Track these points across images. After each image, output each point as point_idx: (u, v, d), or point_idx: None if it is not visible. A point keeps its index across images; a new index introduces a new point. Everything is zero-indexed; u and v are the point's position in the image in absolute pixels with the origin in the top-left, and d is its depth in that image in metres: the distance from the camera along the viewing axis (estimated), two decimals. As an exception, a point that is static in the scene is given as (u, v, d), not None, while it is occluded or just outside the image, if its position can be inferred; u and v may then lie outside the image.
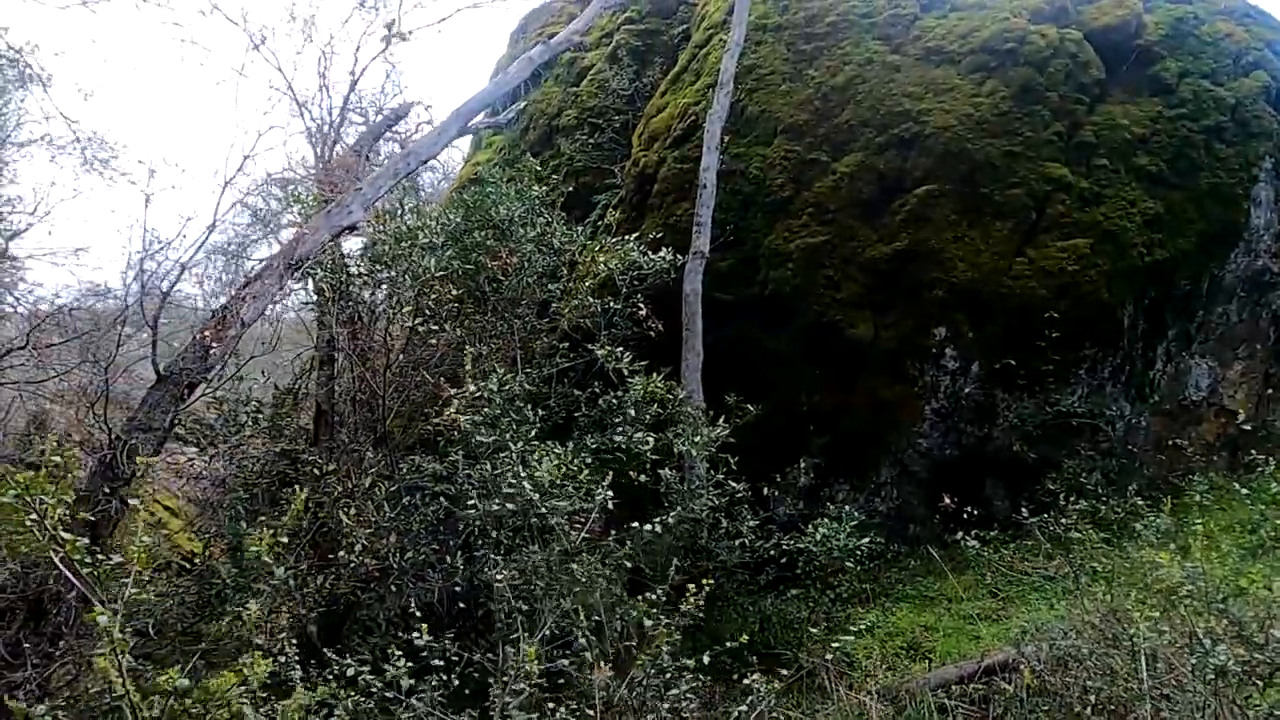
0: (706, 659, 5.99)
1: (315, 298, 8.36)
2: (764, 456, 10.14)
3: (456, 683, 5.65)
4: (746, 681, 6.27)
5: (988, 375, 9.38)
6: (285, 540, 6.13)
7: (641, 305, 9.20)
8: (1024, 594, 8.43)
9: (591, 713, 5.89)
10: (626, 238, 9.83)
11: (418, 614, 6.00)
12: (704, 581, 8.06)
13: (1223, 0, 10.44)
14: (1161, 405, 9.82)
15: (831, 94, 10.04)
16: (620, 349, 7.98)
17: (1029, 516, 6.33)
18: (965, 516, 8.24)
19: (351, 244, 9.92)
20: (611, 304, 9.25)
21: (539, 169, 9.34)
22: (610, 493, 6.57)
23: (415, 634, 5.75)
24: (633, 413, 7.74)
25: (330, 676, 5.09)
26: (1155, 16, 10.05)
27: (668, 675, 6.44)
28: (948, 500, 8.55)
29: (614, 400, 7.74)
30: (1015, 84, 9.48)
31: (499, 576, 6.59)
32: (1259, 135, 9.59)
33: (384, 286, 7.90)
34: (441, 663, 5.23)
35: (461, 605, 7.36)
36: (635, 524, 8.33)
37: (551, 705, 6.49)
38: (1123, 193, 9.34)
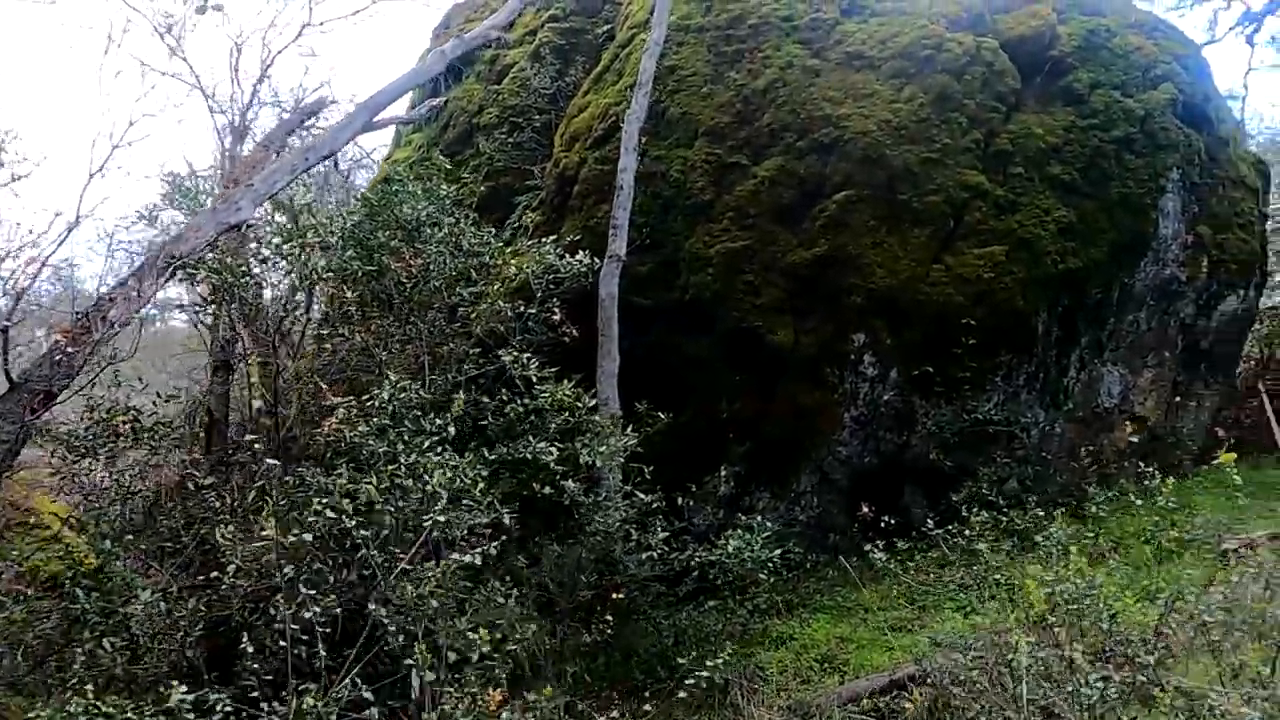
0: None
1: (206, 299, 7.85)
2: (684, 464, 9.93)
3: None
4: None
5: (906, 382, 9.33)
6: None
7: (556, 310, 8.90)
8: (940, 603, 8.37)
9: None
10: (543, 240, 9.53)
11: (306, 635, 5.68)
12: (614, 596, 7.87)
13: (1133, 14, 10.65)
14: (1075, 412, 9.92)
15: (753, 97, 9.90)
16: (530, 355, 7.67)
17: (935, 527, 6.20)
18: (883, 525, 8.17)
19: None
20: (525, 309, 8.94)
21: (449, 167, 8.96)
22: (504, 508, 6.28)
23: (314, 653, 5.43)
24: (538, 421, 7.45)
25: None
26: (1069, 28, 10.18)
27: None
28: (866, 509, 8.47)
29: (520, 409, 7.43)
30: (933, 91, 9.48)
31: (390, 597, 6.24)
32: (1167, 147, 9.77)
33: (270, 289, 7.45)
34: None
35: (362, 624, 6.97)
36: (547, 538, 8.09)
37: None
38: (1037, 201, 9.40)
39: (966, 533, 5.92)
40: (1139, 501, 4.58)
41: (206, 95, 10.46)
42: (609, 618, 7.37)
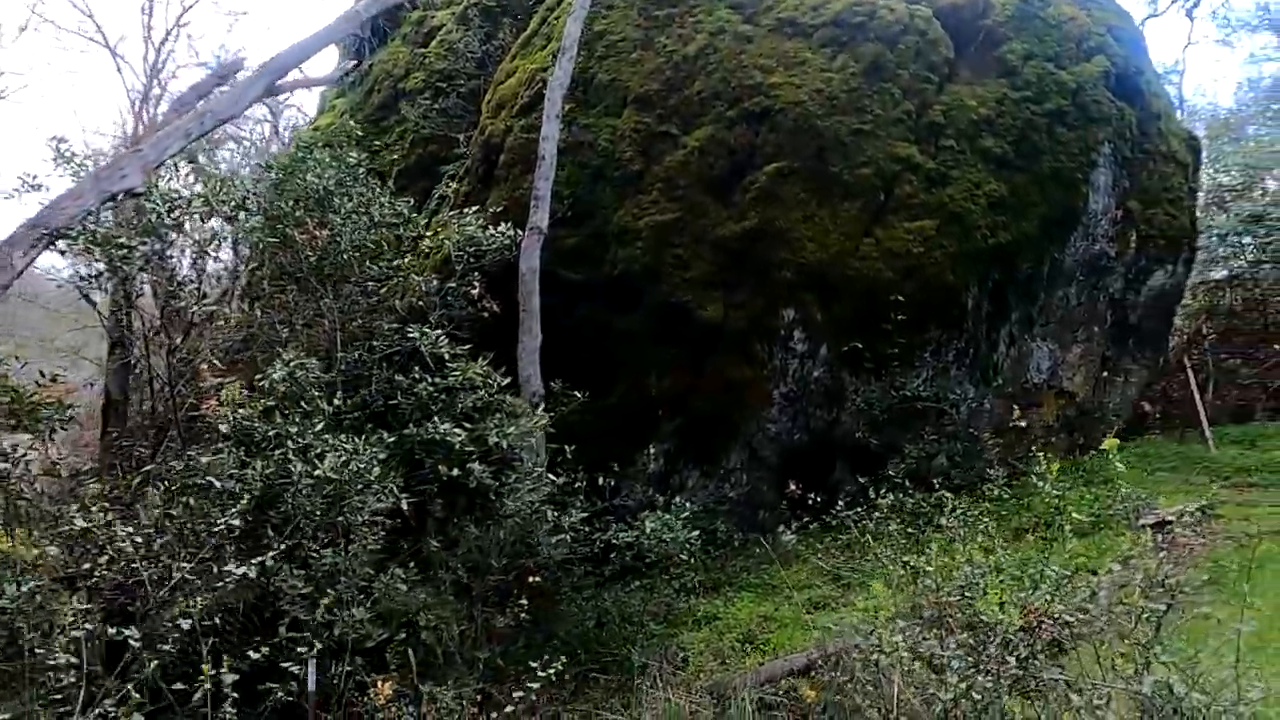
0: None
1: (97, 273, 7.37)
2: (614, 442, 9.73)
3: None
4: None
5: (836, 359, 9.20)
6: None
7: (476, 284, 8.57)
8: (864, 581, 8.32)
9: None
10: (465, 211, 9.18)
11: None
12: (530, 580, 7.67)
13: (1069, -16, 10.50)
14: (1004, 388, 9.90)
15: (683, 64, 9.59)
16: (441, 332, 7.35)
17: (848, 508, 6.09)
18: (810, 503, 8.07)
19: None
20: (442, 282, 8.61)
21: (360, 133, 8.52)
22: (404, 492, 6.02)
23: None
24: (449, 401, 7.17)
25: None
26: (1003, -3, 10.01)
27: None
28: (794, 486, 8.36)
29: (430, 388, 7.13)
30: (866, 59, 9.26)
31: (282, 587, 5.96)
32: (1098, 120, 9.69)
33: (156, 260, 7.00)
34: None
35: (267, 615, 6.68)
36: (468, 520, 7.83)
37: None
38: (969, 174, 9.27)
39: (875, 515, 5.79)
40: (1041, 483, 4.44)
41: (114, 54, 9.78)
42: (523, 601, 7.19)
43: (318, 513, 5.76)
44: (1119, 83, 10.05)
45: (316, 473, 5.57)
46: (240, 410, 5.61)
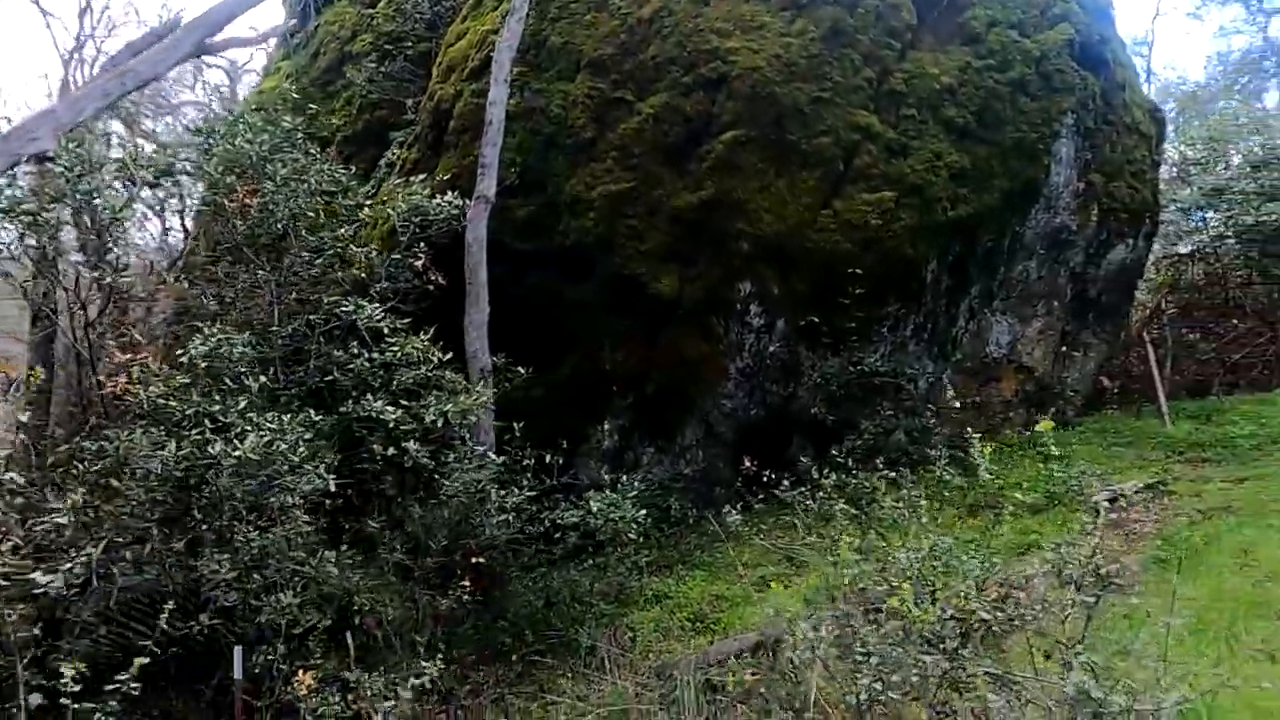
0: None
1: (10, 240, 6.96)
2: (567, 417, 9.51)
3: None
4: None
5: (793, 333, 9.02)
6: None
7: (421, 255, 8.27)
8: (816, 559, 8.22)
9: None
10: (412, 180, 8.84)
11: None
12: (474, 560, 7.47)
13: (1034, -51, 10.23)
14: (963, 363, 9.79)
15: (638, 27, 9.25)
16: (377, 305, 7.07)
17: (789, 489, 5.93)
18: (765, 479, 7.91)
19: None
20: (388, 254, 8.29)
21: (296, 96, 8.13)
22: (326, 473, 5.77)
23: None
24: (387, 377, 6.90)
25: None
26: (969, -39, 9.74)
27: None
28: (749, 463, 8.20)
29: (366, 363, 6.86)
30: (825, 24, 8.97)
31: (205, 573, 5.71)
32: (1062, 90, 9.50)
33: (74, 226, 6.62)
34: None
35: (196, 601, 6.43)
36: (414, 500, 7.59)
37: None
38: (930, 145, 9.06)
39: (819, 495, 5.65)
40: (980, 461, 4.29)
41: (41, 10, 9.23)
42: (465, 583, 6.99)
43: (238, 494, 5.49)
44: (1083, 51, 9.85)
45: (236, 454, 5.29)
46: (153, 389, 5.29)
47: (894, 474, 6.04)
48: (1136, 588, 5.61)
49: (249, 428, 5.41)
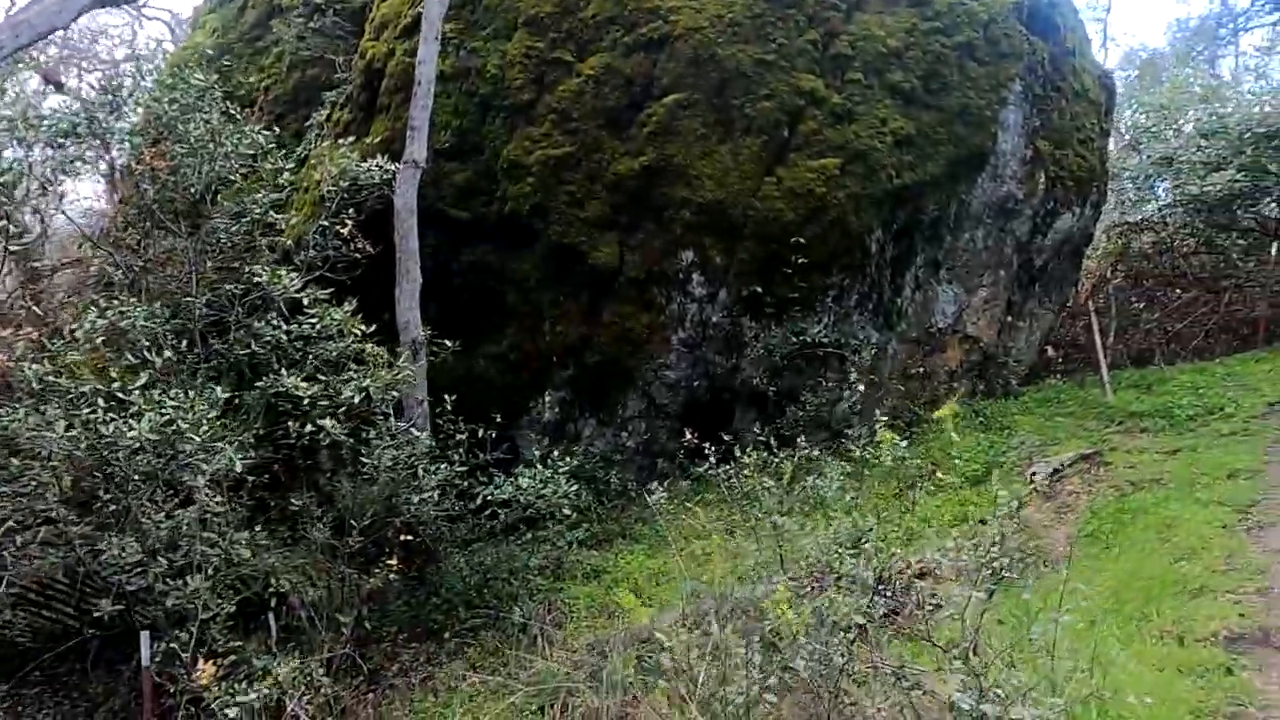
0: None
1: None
2: (506, 390, 9.32)
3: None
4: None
5: (736, 303, 8.85)
6: None
7: (349, 222, 7.93)
8: (757, 532, 8.16)
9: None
10: (341, 143, 8.46)
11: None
12: (405, 538, 7.29)
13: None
14: (909, 333, 9.71)
15: (577, -17, 8.88)
16: (294, 274, 6.76)
17: (715, 465, 5.81)
18: (707, 451, 7.79)
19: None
20: (315, 221, 7.95)
21: (211, 52, 7.69)
22: (245, 450, 5.52)
23: None
24: (307, 350, 6.63)
25: None
26: (917, -80, 9.46)
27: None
28: (690, 435, 8.07)
29: (283, 335, 6.57)
30: (770, -17, 8.68)
31: (111, 554, 5.45)
32: (1010, 55, 9.34)
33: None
34: None
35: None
36: (343, 476, 7.36)
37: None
38: (875, 110, 8.86)
39: (744, 474, 5.52)
40: (903, 443, 4.17)
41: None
42: (392, 561, 6.82)
43: (136, 475, 5.23)
44: (1032, 15, 9.69)
45: (131, 434, 5.02)
46: (37, 366, 4.98)
47: (820, 451, 5.92)
48: (1062, 565, 5.61)
49: (147, 407, 5.12)
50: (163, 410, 5.21)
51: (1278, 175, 11.21)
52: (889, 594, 3.32)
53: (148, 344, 5.78)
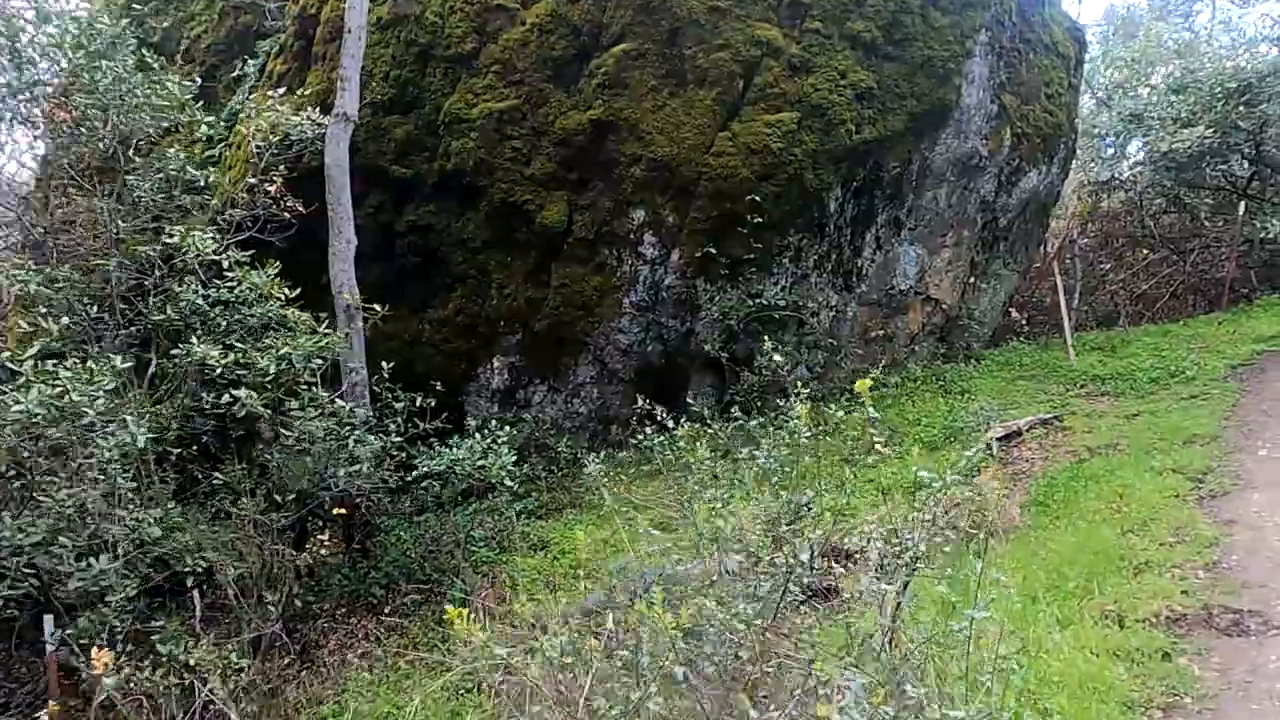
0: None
1: None
2: (452, 356, 9.00)
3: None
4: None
5: (689, 264, 8.52)
6: None
7: (278, 179, 7.49)
8: (687, 507, 7.95)
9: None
10: (271, 95, 7.97)
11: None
12: (337, 511, 7.00)
13: None
14: (869, 295, 9.44)
15: (521, -76, 8.36)
16: (210, 235, 6.34)
17: (652, 436, 5.55)
18: (660, 417, 7.53)
19: None
20: (244, 178, 7.50)
21: (121, -3, 7.14)
22: (150, 426, 5.18)
23: None
24: (227, 315, 6.25)
25: None
26: None
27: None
28: (642, 400, 7.80)
29: (200, 300, 6.18)
30: (724, -75, 8.21)
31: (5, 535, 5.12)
32: (975, 5, 8.95)
33: None
34: None
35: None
36: (275, 449, 7.02)
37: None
38: (834, 61, 8.47)
39: (679, 444, 5.26)
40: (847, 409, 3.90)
41: None
42: (324, 536, 6.55)
43: (29, 450, 4.88)
44: (1001, -37, 9.29)
45: (18, 406, 4.65)
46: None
47: (772, 417, 5.66)
48: (1009, 537, 5.42)
49: (37, 378, 4.75)
50: (55, 382, 4.84)
51: (1248, 131, 10.97)
52: (814, 574, 3.08)
53: (44, 310, 5.37)
